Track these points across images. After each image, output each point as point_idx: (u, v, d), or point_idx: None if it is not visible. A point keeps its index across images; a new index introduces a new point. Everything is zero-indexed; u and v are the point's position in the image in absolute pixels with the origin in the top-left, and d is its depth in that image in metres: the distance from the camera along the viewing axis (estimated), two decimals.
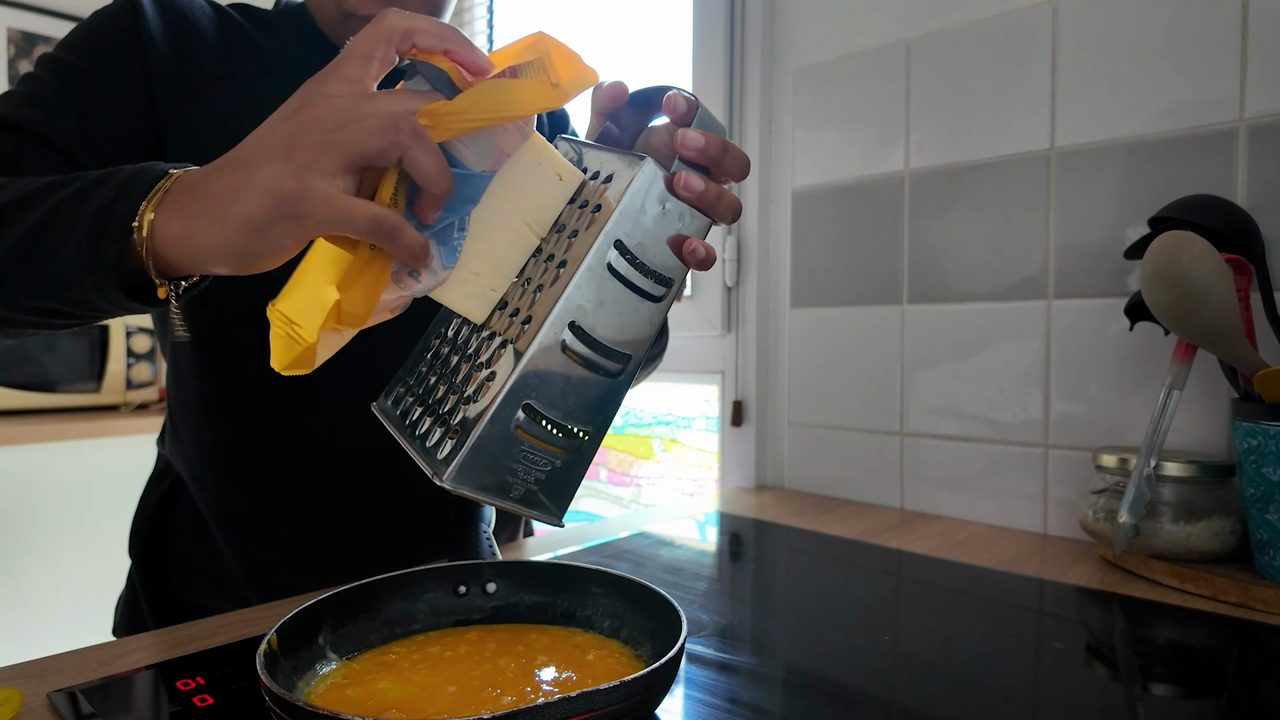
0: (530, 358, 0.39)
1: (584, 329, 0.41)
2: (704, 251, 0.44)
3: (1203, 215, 0.66)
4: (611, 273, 0.41)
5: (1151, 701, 0.47)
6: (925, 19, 0.93)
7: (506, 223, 0.43)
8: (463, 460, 0.38)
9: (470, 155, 0.40)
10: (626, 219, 0.42)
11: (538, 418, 0.40)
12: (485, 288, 0.44)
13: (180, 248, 0.40)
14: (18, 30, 1.93)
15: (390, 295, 0.40)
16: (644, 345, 0.43)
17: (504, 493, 0.40)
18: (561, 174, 0.44)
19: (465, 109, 0.38)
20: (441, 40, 0.38)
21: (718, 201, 0.44)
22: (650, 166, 0.42)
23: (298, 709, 0.32)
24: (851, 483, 1.00)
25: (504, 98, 0.38)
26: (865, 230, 0.99)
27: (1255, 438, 0.62)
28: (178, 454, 0.70)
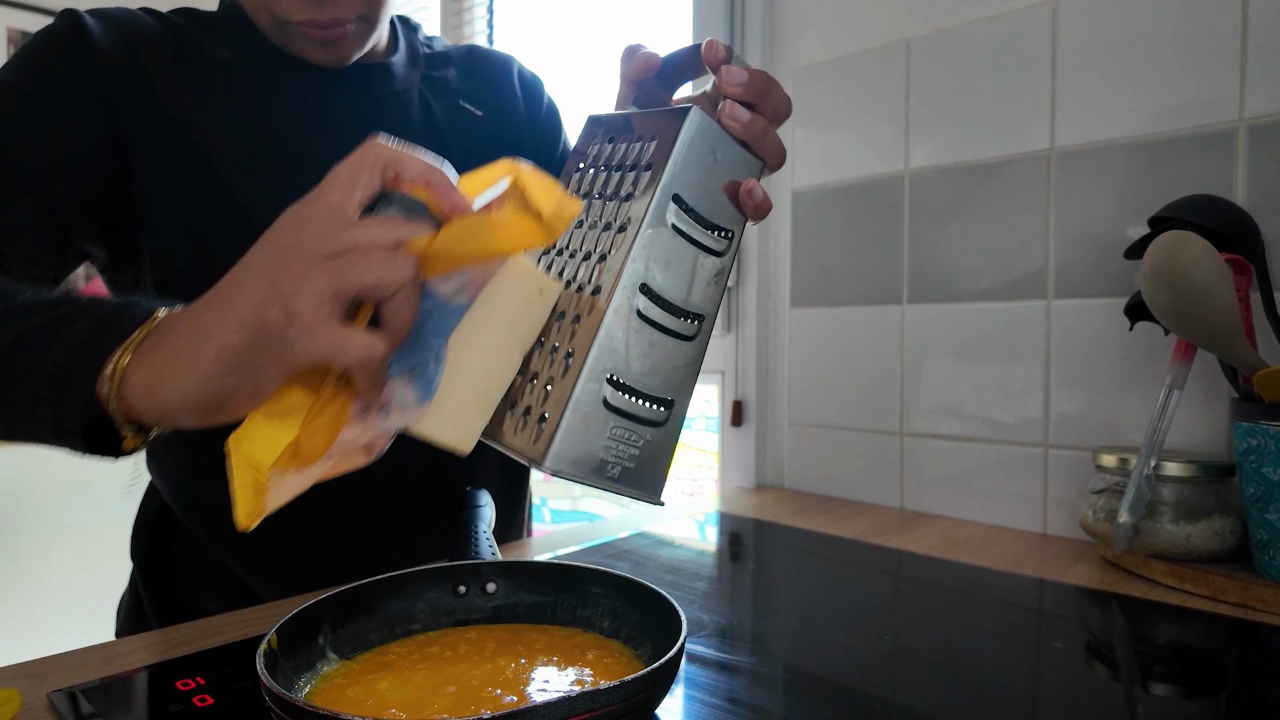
0: (606, 327, 0.39)
1: (655, 290, 0.40)
2: (760, 193, 0.43)
3: (1203, 215, 0.66)
4: (674, 230, 0.41)
5: (1151, 701, 0.47)
6: (925, 19, 0.93)
7: (490, 346, 0.41)
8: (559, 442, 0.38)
9: (449, 288, 0.38)
10: (682, 171, 0.41)
11: (623, 389, 0.39)
12: (472, 416, 0.41)
13: (148, 397, 0.37)
14: (18, 30, 1.93)
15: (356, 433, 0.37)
16: (715, 302, 0.43)
17: (602, 472, 0.39)
18: (543, 288, 0.42)
19: (451, 248, 0.36)
20: (425, 173, 0.37)
21: (764, 137, 0.44)
22: (697, 113, 0.41)
23: (298, 709, 0.32)
24: (851, 483, 1.00)
25: (493, 236, 0.37)
26: (865, 230, 0.99)
27: (1255, 437, 0.62)
28: (162, 479, 0.70)
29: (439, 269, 0.37)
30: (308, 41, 0.62)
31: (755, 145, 0.44)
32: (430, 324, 0.37)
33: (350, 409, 0.36)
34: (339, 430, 0.36)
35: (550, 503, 1.67)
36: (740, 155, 0.44)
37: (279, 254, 0.35)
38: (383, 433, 0.38)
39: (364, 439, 0.38)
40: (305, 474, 0.37)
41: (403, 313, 0.35)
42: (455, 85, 0.73)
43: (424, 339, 0.37)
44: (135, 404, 0.37)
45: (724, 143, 0.43)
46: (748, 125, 0.43)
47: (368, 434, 0.37)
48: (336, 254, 0.34)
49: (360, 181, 0.36)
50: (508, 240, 0.37)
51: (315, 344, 0.34)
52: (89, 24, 0.60)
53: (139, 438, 0.40)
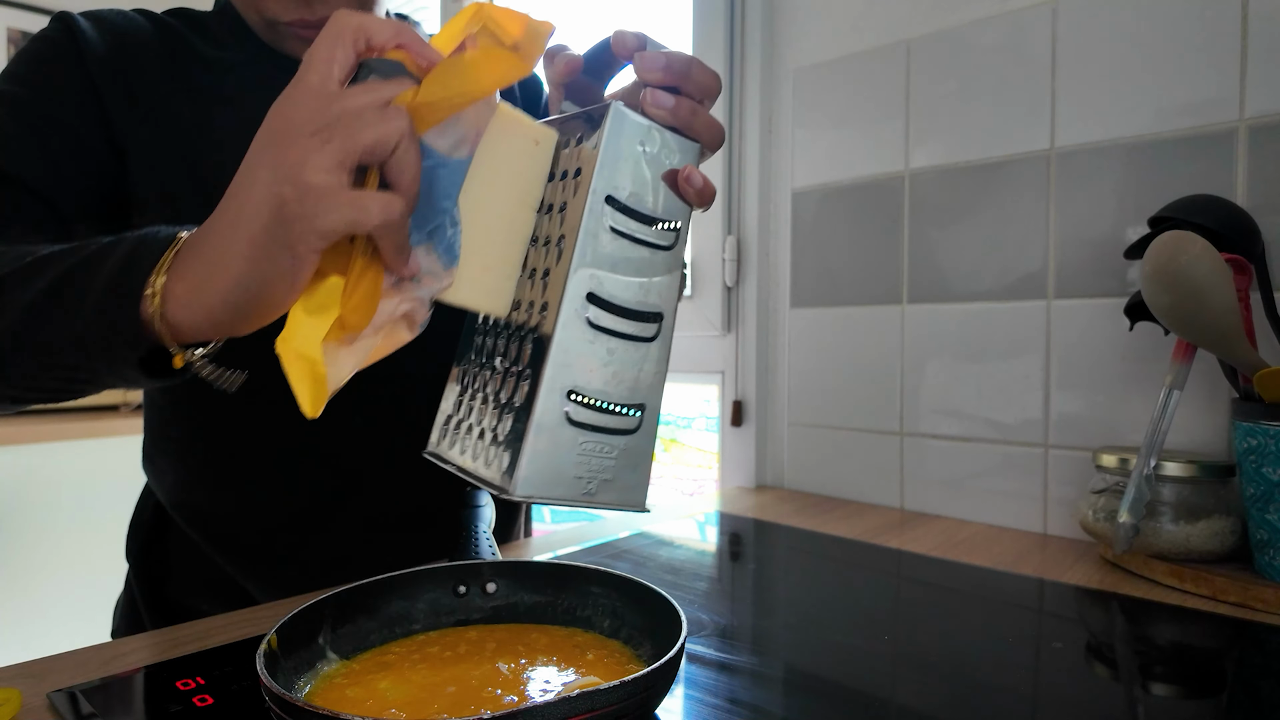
0: (557, 343, 0.38)
1: (603, 298, 0.39)
2: (699, 179, 0.42)
3: (1203, 215, 0.66)
4: (613, 232, 0.40)
5: (1151, 701, 0.47)
6: (925, 19, 0.93)
7: (500, 206, 0.41)
8: (526, 467, 0.37)
9: (446, 143, 0.38)
10: (609, 171, 0.40)
11: (585, 402, 0.38)
12: (500, 279, 0.42)
13: (190, 308, 0.38)
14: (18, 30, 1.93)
15: (394, 303, 0.38)
16: (672, 297, 0.42)
17: (577, 490, 0.39)
18: (538, 137, 0.42)
19: (435, 95, 0.36)
20: (395, 35, 0.37)
21: (693, 118, 0.42)
22: (616, 108, 0.40)
23: (297, 709, 0.32)
24: (851, 483, 1.00)
25: (471, 73, 0.37)
26: (865, 230, 0.99)
27: (1255, 437, 0.62)
28: (158, 481, 0.70)
29: (431, 121, 0.37)
30: (299, 41, 0.62)
31: (686, 128, 0.42)
32: (437, 183, 0.38)
33: (383, 281, 0.37)
34: (377, 300, 0.37)
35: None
36: (673, 142, 0.42)
37: (275, 140, 0.36)
38: (419, 301, 0.38)
39: (401, 308, 0.38)
40: (356, 348, 0.37)
41: (408, 168, 0.36)
42: None
43: (435, 200, 0.38)
44: (181, 319, 0.38)
45: (652, 133, 0.41)
46: (674, 110, 0.41)
47: (404, 303, 0.38)
48: (330, 125, 0.35)
49: (335, 56, 0.36)
50: (488, 75, 0.37)
51: (336, 211, 0.34)
52: (81, 26, 0.60)
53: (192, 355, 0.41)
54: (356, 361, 0.38)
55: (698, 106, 0.43)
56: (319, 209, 0.34)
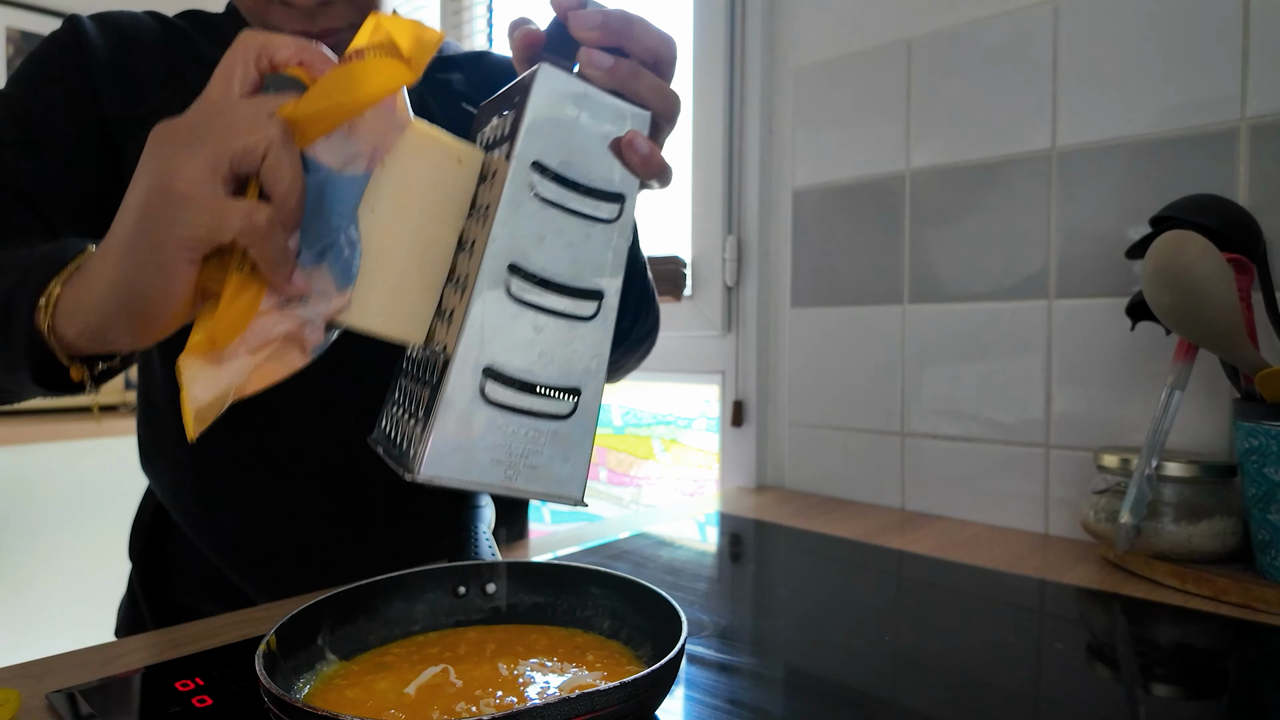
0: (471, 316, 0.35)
1: (528, 270, 0.37)
2: (643, 145, 0.39)
3: (1204, 214, 0.66)
4: (541, 201, 0.37)
5: (1153, 702, 0.47)
6: (926, 18, 0.93)
7: (412, 225, 0.39)
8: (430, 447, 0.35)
9: (336, 155, 0.36)
10: (536, 136, 0.37)
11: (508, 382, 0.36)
12: (412, 303, 0.39)
13: (70, 319, 0.38)
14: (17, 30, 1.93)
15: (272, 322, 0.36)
16: (613, 278, 0.39)
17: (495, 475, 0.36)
18: (460, 156, 0.40)
19: (316, 104, 0.35)
20: (298, 52, 0.37)
21: (635, 81, 0.39)
22: (545, 68, 0.38)
23: (296, 710, 0.32)
24: (852, 483, 1.00)
25: (353, 82, 0.36)
26: (866, 230, 0.98)
27: (1257, 438, 0.62)
28: (156, 481, 0.70)
29: (316, 132, 0.36)
30: None
31: (627, 92, 0.40)
32: (327, 199, 0.36)
33: (265, 300, 0.36)
34: (250, 317, 0.35)
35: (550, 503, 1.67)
36: (614, 108, 0.39)
37: (161, 150, 0.35)
38: (308, 323, 0.36)
39: (283, 328, 0.36)
40: (228, 368, 0.35)
41: (282, 177, 0.34)
42: (459, 88, 0.72)
43: (326, 216, 0.36)
44: (66, 330, 0.38)
45: (589, 95, 0.39)
46: (611, 70, 0.39)
47: (287, 323, 0.36)
48: (204, 133, 0.35)
49: (235, 72, 0.36)
50: (371, 84, 0.36)
51: (197, 217, 0.33)
52: (87, 28, 0.61)
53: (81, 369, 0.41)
54: (229, 384, 0.36)
55: (640, 68, 0.40)
56: (179, 215, 0.34)
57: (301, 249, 0.36)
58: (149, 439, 0.70)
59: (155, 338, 0.37)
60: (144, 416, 0.70)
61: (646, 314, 0.71)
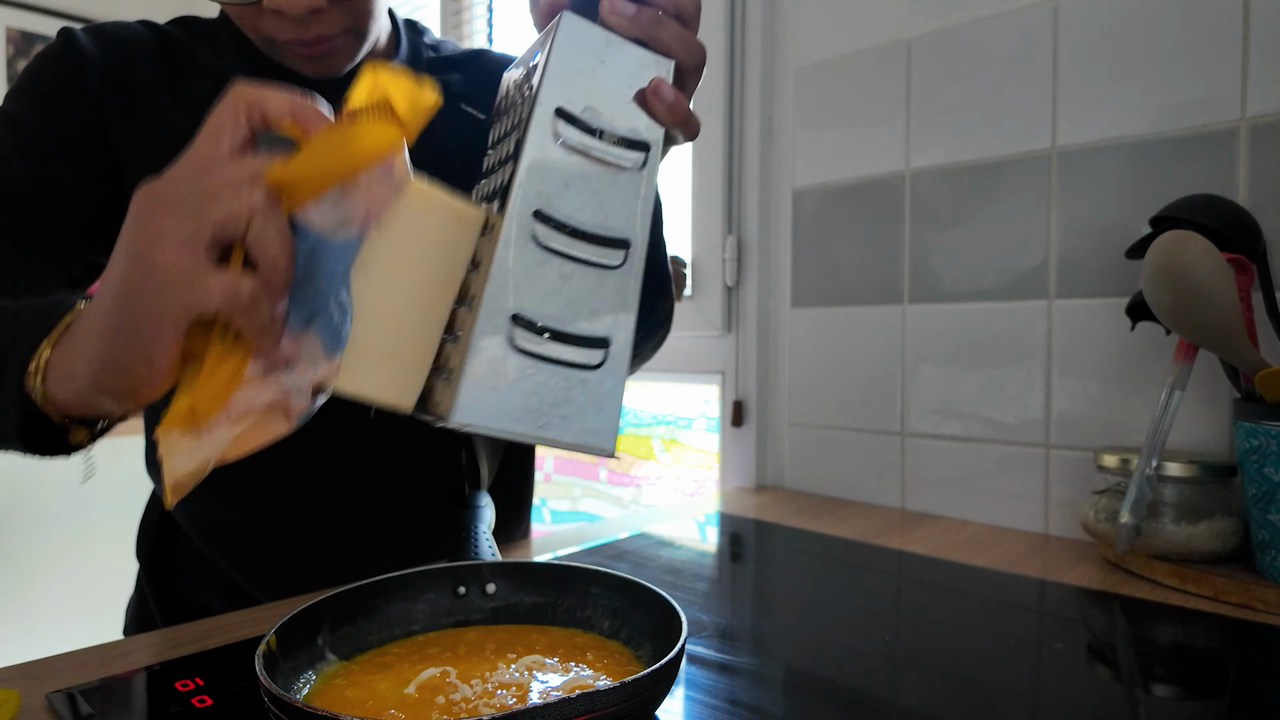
0: (498, 261, 0.35)
1: (554, 216, 0.36)
2: (668, 92, 0.39)
3: (1204, 215, 0.66)
4: (566, 147, 0.37)
5: (1153, 702, 0.47)
6: (926, 18, 0.93)
7: (407, 288, 0.37)
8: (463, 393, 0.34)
9: (327, 219, 0.35)
10: (559, 81, 0.37)
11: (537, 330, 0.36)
12: (405, 370, 0.38)
13: (64, 384, 0.37)
14: (17, 30, 1.93)
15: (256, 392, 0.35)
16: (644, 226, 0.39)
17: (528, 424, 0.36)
18: (460, 217, 0.38)
19: (308, 169, 0.34)
20: (289, 107, 0.35)
21: (657, 28, 0.39)
22: (568, 17, 0.37)
23: (296, 710, 0.32)
24: (852, 483, 1.00)
25: (346, 146, 0.34)
26: (866, 230, 0.98)
27: (1257, 438, 0.62)
28: (160, 486, 0.70)
29: (304, 196, 0.34)
30: (297, 59, 0.62)
31: (651, 40, 0.39)
32: (317, 265, 0.35)
33: (249, 367, 0.34)
34: (233, 388, 0.34)
35: (550, 503, 1.67)
36: (638, 56, 0.39)
37: (142, 217, 0.34)
38: (293, 391, 0.35)
39: (267, 397, 0.35)
40: (208, 439, 0.34)
41: (267, 246, 0.33)
42: (458, 89, 0.72)
43: (314, 283, 0.35)
44: (57, 394, 0.38)
45: (612, 44, 0.38)
46: (634, 18, 0.39)
47: (270, 392, 0.35)
48: (186, 200, 0.33)
49: (225, 128, 0.35)
50: (364, 147, 0.34)
51: (177, 292, 0.32)
52: (81, 41, 0.61)
53: (83, 431, 0.40)
54: (209, 455, 0.34)
55: (663, 17, 0.40)
56: (159, 290, 0.32)
57: (289, 314, 0.35)
58: (152, 442, 0.70)
59: (143, 403, 0.36)
60: (150, 418, 0.70)
61: (663, 300, 0.70)
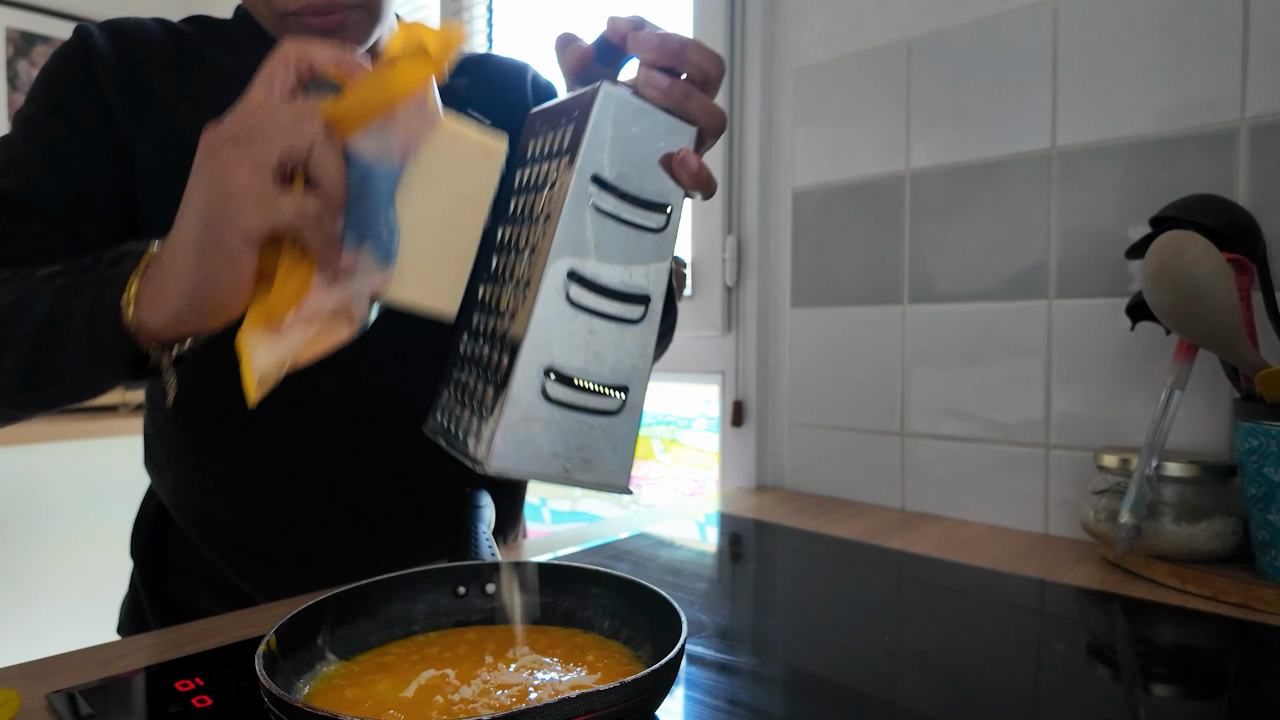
0: (536, 319, 0.38)
1: (585, 276, 0.39)
2: (694, 162, 0.42)
3: (1204, 215, 0.66)
4: (598, 212, 0.40)
5: (1153, 702, 0.47)
6: (926, 18, 0.93)
7: (443, 210, 0.43)
8: (499, 442, 0.37)
9: (373, 148, 0.40)
10: (596, 150, 0.40)
11: (566, 382, 0.39)
12: (444, 279, 0.43)
13: (156, 309, 0.41)
14: (17, 30, 1.93)
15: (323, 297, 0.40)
16: (660, 282, 0.42)
17: (555, 468, 0.39)
18: (485, 148, 0.44)
19: (353, 103, 0.39)
20: (335, 58, 0.40)
21: (687, 100, 0.42)
22: (607, 87, 0.40)
23: (296, 710, 0.32)
24: (852, 483, 1.00)
25: (386, 82, 0.39)
26: (866, 230, 0.98)
27: (1256, 438, 0.62)
28: (159, 481, 0.70)
29: (353, 128, 0.39)
30: (310, 32, 0.62)
31: (680, 110, 0.42)
32: (368, 190, 0.40)
33: (315, 277, 0.39)
34: (304, 293, 0.39)
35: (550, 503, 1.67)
36: (666, 124, 0.42)
37: (208, 151, 0.39)
38: (354, 297, 0.40)
39: (333, 301, 0.40)
40: (285, 339, 0.39)
41: (326, 170, 0.38)
42: (464, 94, 0.72)
43: (366, 205, 0.40)
44: (150, 321, 0.42)
45: (644, 114, 0.41)
46: (667, 91, 0.42)
47: (335, 298, 0.40)
48: (251, 134, 0.38)
49: (277, 76, 0.39)
50: (403, 80, 0.39)
51: (252, 211, 0.37)
52: (94, 38, 0.61)
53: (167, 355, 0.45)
54: (286, 352, 0.40)
55: (693, 89, 0.43)
56: (238, 210, 0.37)
57: (346, 233, 0.40)
58: (155, 437, 0.70)
59: (226, 319, 0.41)
60: (150, 414, 0.70)
61: (667, 313, 0.71)
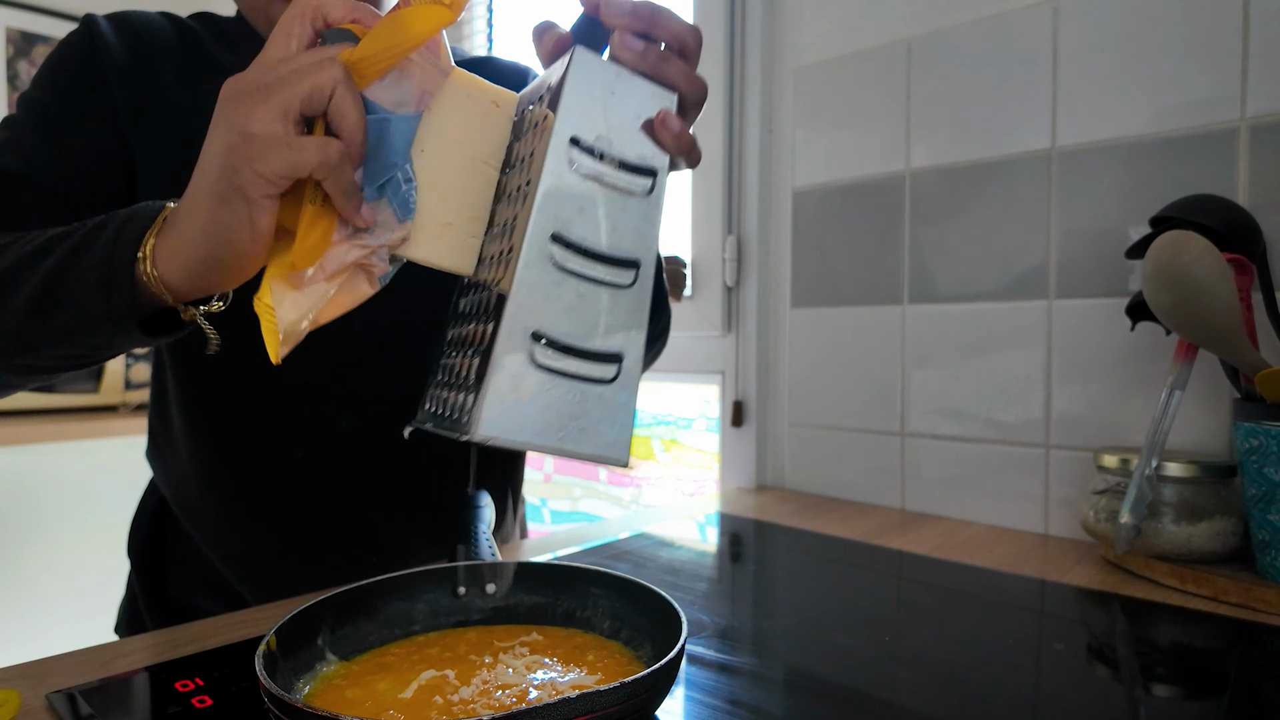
0: (519, 281, 0.37)
1: (570, 240, 0.39)
2: (675, 124, 0.42)
3: (1204, 215, 0.66)
4: (579, 174, 0.39)
5: (1153, 703, 0.47)
6: (926, 18, 0.93)
7: (458, 164, 0.43)
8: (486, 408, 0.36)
9: (389, 97, 0.40)
10: (573, 113, 0.39)
11: (555, 347, 0.38)
12: (461, 235, 0.43)
13: (171, 264, 0.41)
14: (16, 30, 1.93)
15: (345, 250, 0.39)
16: (650, 249, 0.41)
17: (550, 436, 0.38)
18: (497, 100, 0.44)
19: (370, 48, 0.39)
20: (351, 10, 0.40)
21: (664, 64, 0.42)
22: (580, 50, 0.40)
23: (296, 710, 0.32)
24: (852, 483, 1.00)
25: (402, 26, 0.39)
26: (866, 230, 0.98)
27: (1256, 438, 0.61)
28: (161, 472, 0.70)
29: (371, 75, 0.39)
30: None
31: (656, 74, 0.42)
32: (386, 138, 0.40)
33: (335, 232, 0.39)
34: (325, 245, 0.39)
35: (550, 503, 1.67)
36: (644, 88, 0.42)
37: (229, 101, 0.39)
38: (374, 251, 0.40)
39: (354, 255, 0.40)
40: (308, 292, 0.39)
41: (348, 115, 0.38)
42: None
43: (384, 154, 0.40)
44: (168, 276, 0.41)
45: (621, 77, 0.41)
46: (642, 54, 0.41)
47: (356, 252, 0.40)
48: (272, 81, 0.38)
49: (294, 31, 0.40)
50: (417, 26, 0.39)
51: (275, 154, 0.37)
52: (101, 29, 0.62)
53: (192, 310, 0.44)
54: (310, 306, 0.39)
55: (669, 54, 0.43)
56: (260, 153, 0.37)
57: (365, 185, 0.39)
58: (159, 427, 0.70)
59: (245, 273, 0.41)
60: (155, 405, 0.70)
61: (660, 312, 0.71)
